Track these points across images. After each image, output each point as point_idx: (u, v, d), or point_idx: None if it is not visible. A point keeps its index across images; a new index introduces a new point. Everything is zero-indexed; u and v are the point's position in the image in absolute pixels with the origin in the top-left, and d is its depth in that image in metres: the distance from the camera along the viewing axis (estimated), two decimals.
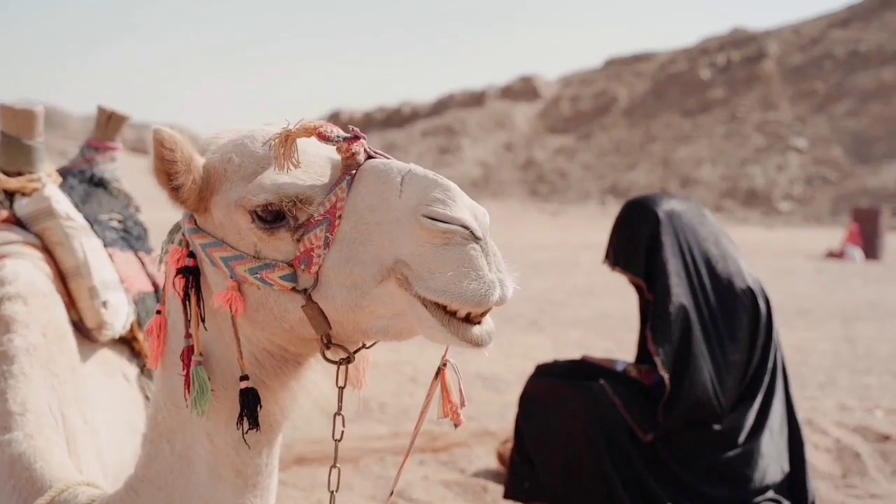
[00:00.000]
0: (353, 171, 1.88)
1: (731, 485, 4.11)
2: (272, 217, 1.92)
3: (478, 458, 5.83)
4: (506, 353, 9.74)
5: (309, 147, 1.94)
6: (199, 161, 2.03)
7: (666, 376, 4.06)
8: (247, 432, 2.02)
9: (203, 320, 2.04)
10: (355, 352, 2.01)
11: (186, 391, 2.03)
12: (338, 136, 1.90)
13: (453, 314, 1.79)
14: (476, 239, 1.76)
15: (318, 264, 1.87)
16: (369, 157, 1.89)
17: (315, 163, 1.95)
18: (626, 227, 4.37)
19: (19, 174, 3.30)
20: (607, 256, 4.46)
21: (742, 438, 4.17)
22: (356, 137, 1.90)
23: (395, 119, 66.58)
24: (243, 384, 2.03)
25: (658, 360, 4.10)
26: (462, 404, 2.00)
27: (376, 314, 1.87)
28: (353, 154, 1.88)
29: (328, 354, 1.99)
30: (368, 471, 5.57)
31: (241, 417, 2.02)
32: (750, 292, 4.26)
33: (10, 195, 3.67)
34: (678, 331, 4.10)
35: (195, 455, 2.13)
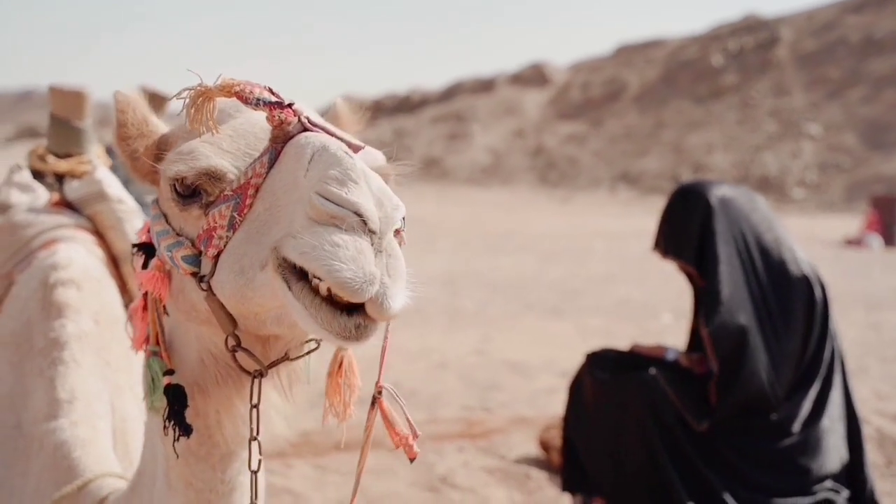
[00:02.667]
0: (280, 146, 1.59)
1: (788, 474, 4.07)
2: (186, 191, 1.68)
3: (517, 445, 5.79)
4: (531, 340, 9.73)
5: (253, 114, 1.69)
6: (157, 125, 1.87)
7: (715, 365, 3.99)
8: (176, 439, 1.79)
9: (163, 305, 1.83)
10: (272, 365, 1.73)
11: (144, 384, 1.86)
12: (259, 100, 1.59)
13: (324, 300, 1.47)
14: (369, 231, 1.46)
15: (218, 247, 1.61)
16: (304, 129, 1.59)
17: (250, 132, 1.70)
18: (677, 214, 4.30)
19: (68, 156, 3.26)
20: (657, 244, 4.39)
21: (797, 427, 4.11)
22: (283, 104, 1.59)
23: (404, 106, 66.42)
24: (166, 380, 1.80)
25: (709, 349, 4.04)
26: (414, 435, 1.71)
27: (266, 307, 1.59)
28: (281, 124, 1.58)
29: (239, 360, 1.72)
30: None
31: (167, 420, 1.79)
32: (805, 280, 4.19)
33: (61, 178, 3.63)
34: (732, 320, 4.03)
35: (158, 458, 1.95)
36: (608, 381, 4.28)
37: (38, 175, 3.67)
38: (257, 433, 1.80)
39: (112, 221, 3.06)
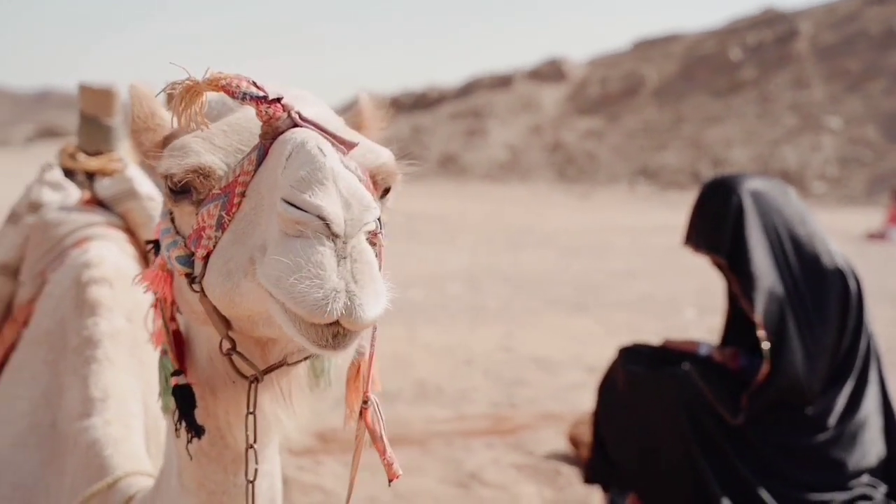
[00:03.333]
0: (269, 142, 1.54)
1: (824, 469, 4.02)
2: (177, 188, 1.64)
3: (545, 441, 5.78)
4: (555, 336, 9.70)
5: (251, 110, 1.61)
6: (165, 118, 1.81)
7: (767, 348, 3.93)
8: (189, 441, 1.77)
9: (174, 302, 1.79)
10: (267, 370, 1.68)
11: (159, 384, 1.85)
12: (245, 94, 1.53)
13: None
14: (332, 234, 1.40)
15: (207, 248, 1.57)
16: (295, 125, 1.53)
17: (245, 128, 1.64)
18: (709, 208, 4.25)
19: (99, 154, 3.26)
20: (689, 239, 4.34)
21: (833, 421, 4.07)
22: (270, 99, 1.53)
23: (421, 103, 66.34)
24: (174, 380, 1.77)
25: (763, 332, 3.95)
26: (383, 453, 1.61)
27: (255, 311, 1.55)
28: (269, 119, 1.53)
29: (237, 364, 1.68)
30: (437, 453, 5.54)
31: (177, 421, 1.77)
32: (839, 272, 4.14)
33: (91, 176, 3.63)
34: (769, 313, 3.99)
35: (172, 457, 1.94)
36: (641, 375, 4.24)
37: (68, 173, 3.68)
38: (254, 441, 1.75)
39: (143, 219, 3.06)
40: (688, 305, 11.70)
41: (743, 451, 4.03)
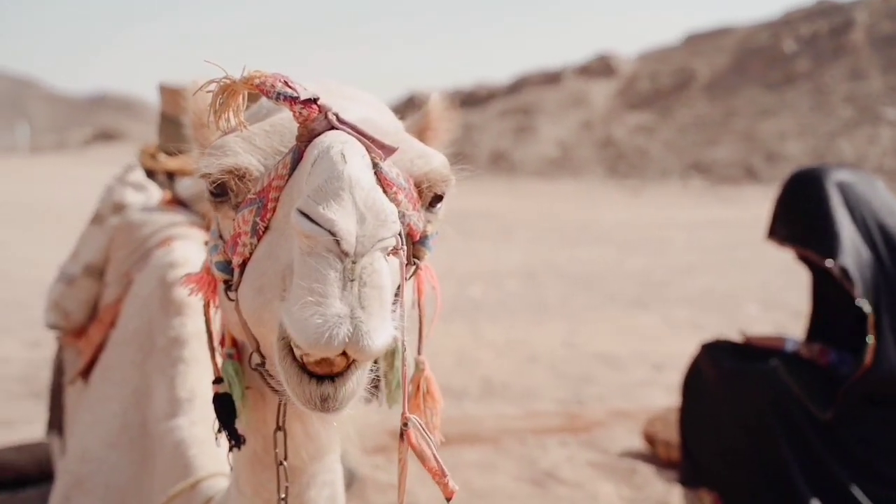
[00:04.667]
0: (304, 145, 1.46)
1: None
2: (217, 189, 1.58)
3: (619, 438, 5.70)
4: (617, 332, 9.60)
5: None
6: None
7: (871, 342, 3.81)
8: (230, 450, 1.74)
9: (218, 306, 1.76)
10: None
11: None
12: (279, 94, 1.46)
13: (295, 361, 1.38)
14: (341, 252, 1.30)
15: (243, 255, 1.50)
16: (332, 127, 1.45)
17: (287, 129, 1.57)
18: (795, 200, 4.14)
19: (179, 154, 3.27)
20: (773, 233, 4.23)
21: None
22: (301, 99, 1.45)
23: (470, 100, 66.29)
24: (214, 388, 1.73)
25: (869, 326, 3.84)
26: (443, 473, 1.52)
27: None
28: (305, 120, 1.45)
29: (266, 377, 1.62)
30: (511, 451, 5.49)
31: (218, 430, 1.73)
32: None
33: (171, 175, 3.64)
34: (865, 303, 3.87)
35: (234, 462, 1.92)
36: (728, 372, 4.15)
37: (149, 173, 3.69)
38: (284, 457, 1.72)
39: None
40: (750, 301, 11.51)
41: (833, 448, 3.92)
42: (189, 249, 2.99)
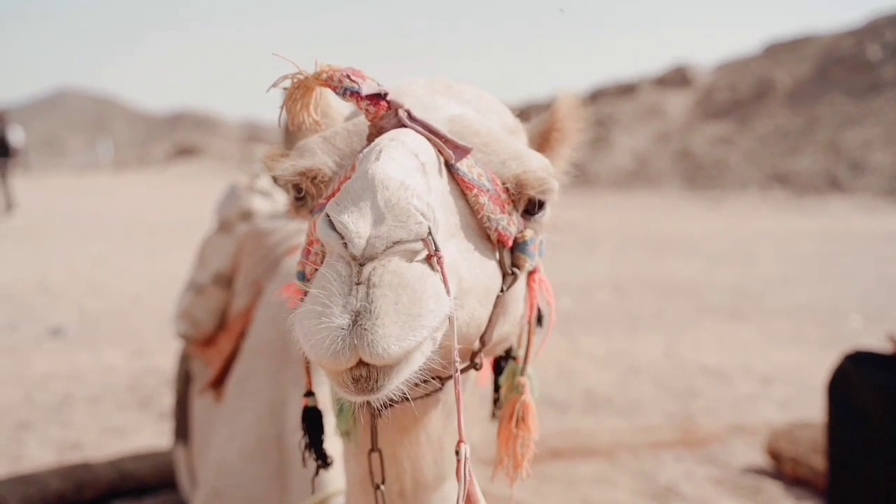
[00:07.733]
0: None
1: None
2: (297, 191, 1.51)
3: (739, 454, 5.49)
4: (718, 344, 9.36)
5: None
6: (335, 116, 1.68)
7: None
8: (316, 473, 1.66)
9: None
10: (389, 404, 1.42)
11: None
12: (346, 90, 1.35)
13: None
14: (350, 256, 1.19)
15: (315, 264, 1.39)
16: (401, 125, 1.35)
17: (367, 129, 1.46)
18: None
19: None
20: None
21: None
22: (365, 95, 1.34)
23: (545, 112, 66.16)
24: (304, 401, 1.65)
25: None
26: None
27: None
28: (374, 118, 1.36)
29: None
30: (626, 465, 5.33)
31: (307, 447, 1.65)
32: None
33: None
34: None
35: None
36: (882, 385, 3.93)
37: (274, 180, 3.64)
38: (382, 481, 1.62)
39: None
40: (852, 312, 11.15)
41: None
42: None
